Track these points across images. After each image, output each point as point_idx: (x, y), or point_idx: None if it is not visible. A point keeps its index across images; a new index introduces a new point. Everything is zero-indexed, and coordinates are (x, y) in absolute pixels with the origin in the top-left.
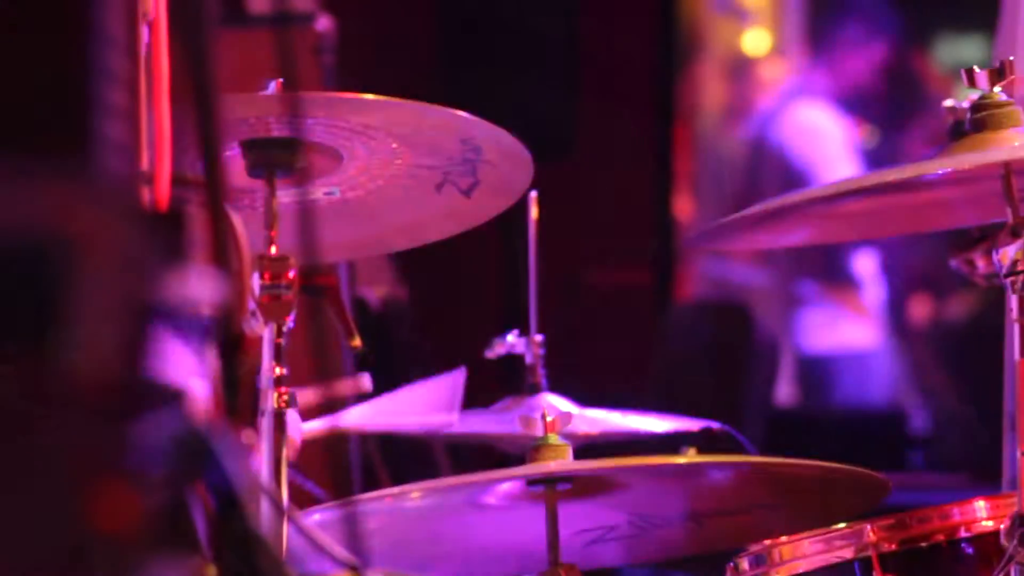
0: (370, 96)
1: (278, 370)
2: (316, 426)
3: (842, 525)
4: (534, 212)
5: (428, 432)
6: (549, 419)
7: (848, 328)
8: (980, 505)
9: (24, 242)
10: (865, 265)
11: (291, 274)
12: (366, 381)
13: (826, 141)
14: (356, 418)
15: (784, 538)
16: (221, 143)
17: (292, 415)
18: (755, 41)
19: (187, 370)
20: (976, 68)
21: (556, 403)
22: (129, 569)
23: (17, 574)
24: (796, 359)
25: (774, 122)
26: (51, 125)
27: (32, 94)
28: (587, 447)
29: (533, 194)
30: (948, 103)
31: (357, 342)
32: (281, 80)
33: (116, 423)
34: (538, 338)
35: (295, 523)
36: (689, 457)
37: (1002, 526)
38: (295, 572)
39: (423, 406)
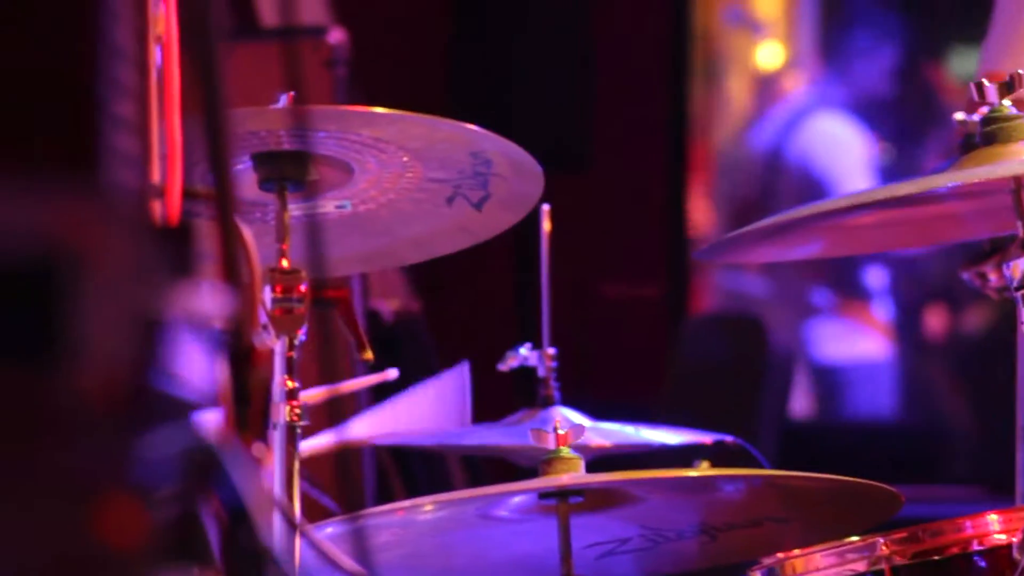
0: (381, 110)
1: (290, 383)
2: (322, 441)
3: (855, 538)
4: (547, 225)
5: (440, 439)
6: (561, 432)
7: (863, 340)
8: (993, 518)
9: (29, 255)
10: (880, 276)
11: (303, 287)
12: (393, 372)
13: (846, 151)
14: (362, 429)
15: (797, 551)
16: (231, 156)
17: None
18: (769, 53)
19: (196, 383)
20: (986, 81)
21: (569, 416)
22: None
23: None
24: (810, 371)
25: (791, 133)
26: (57, 136)
27: (38, 105)
28: (600, 460)
29: (545, 207)
30: (959, 116)
31: (369, 355)
32: (292, 93)
33: (123, 436)
34: (550, 351)
35: (306, 536)
36: (701, 470)
37: (1014, 539)
38: None
39: (432, 410)
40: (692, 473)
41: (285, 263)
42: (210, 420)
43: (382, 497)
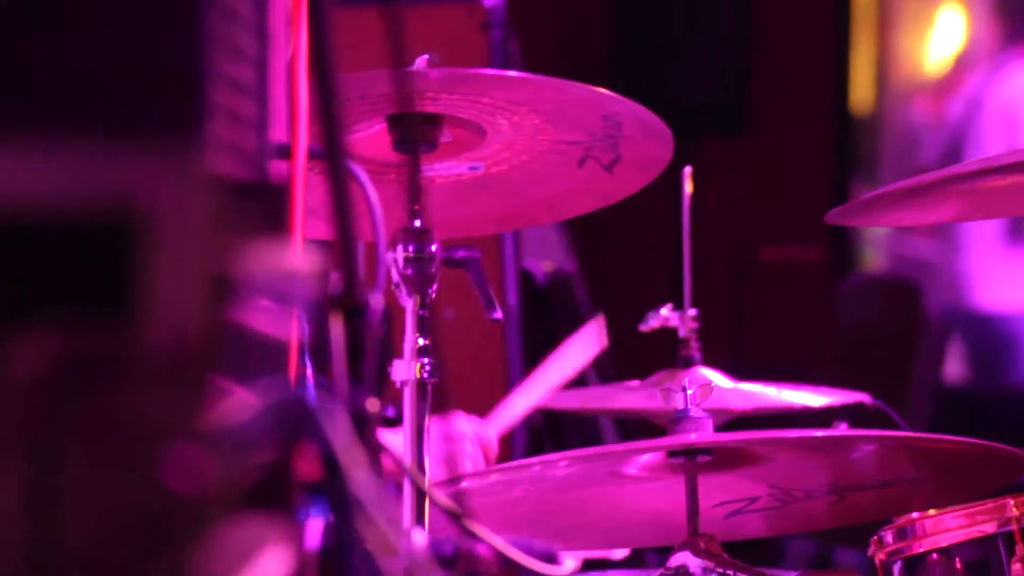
0: (513, 73)
1: (421, 341)
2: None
3: (985, 500)
4: (688, 187)
5: (581, 402)
6: (690, 392)
7: None
8: None
9: (100, 211)
10: None
11: (433, 247)
12: None
13: None
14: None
15: (932, 511)
16: (343, 115)
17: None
18: (947, 15)
19: (286, 338)
20: None
21: (710, 376)
22: (212, 532)
23: (97, 537)
24: (973, 334)
25: (991, 87)
26: (153, 95)
27: (135, 62)
28: (739, 420)
29: (687, 169)
30: None
31: (498, 314)
32: (427, 56)
33: (194, 389)
34: (691, 312)
35: (411, 480)
36: (828, 430)
37: None
38: (398, 538)
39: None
40: (817, 433)
41: (418, 223)
42: (311, 375)
43: (533, 455)
